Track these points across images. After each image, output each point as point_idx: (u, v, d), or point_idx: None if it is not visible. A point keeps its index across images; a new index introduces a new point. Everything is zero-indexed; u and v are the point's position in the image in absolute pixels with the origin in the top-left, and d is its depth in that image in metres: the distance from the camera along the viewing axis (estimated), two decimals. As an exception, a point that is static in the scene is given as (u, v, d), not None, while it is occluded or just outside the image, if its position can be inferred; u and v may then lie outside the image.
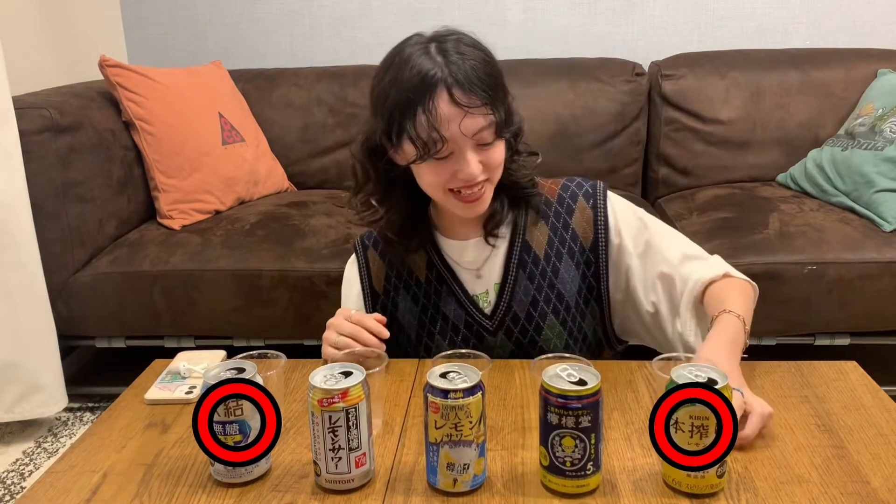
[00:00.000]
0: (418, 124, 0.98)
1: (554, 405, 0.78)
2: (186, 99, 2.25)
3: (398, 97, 0.99)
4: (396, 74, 1.00)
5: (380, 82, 1.03)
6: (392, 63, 1.02)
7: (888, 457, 0.86)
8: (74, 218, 2.00)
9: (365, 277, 1.21)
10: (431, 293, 1.17)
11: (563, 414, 0.77)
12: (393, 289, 1.19)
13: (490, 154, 1.03)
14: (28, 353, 1.92)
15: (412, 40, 1.03)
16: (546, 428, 0.80)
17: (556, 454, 0.79)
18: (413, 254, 1.17)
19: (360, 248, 1.23)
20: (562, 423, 0.78)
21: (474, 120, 0.99)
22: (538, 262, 1.14)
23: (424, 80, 0.98)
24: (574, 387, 0.78)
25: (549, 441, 0.79)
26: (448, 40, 1.02)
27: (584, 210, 1.15)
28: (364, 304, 1.21)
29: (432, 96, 0.97)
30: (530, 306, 1.13)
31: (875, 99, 2.25)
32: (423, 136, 0.98)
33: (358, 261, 1.23)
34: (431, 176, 1.04)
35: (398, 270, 1.19)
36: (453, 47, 1.00)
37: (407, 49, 1.02)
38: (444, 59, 0.99)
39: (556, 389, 0.78)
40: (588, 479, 0.80)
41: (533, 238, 1.15)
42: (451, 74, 0.98)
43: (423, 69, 0.98)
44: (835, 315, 1.91)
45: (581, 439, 0.78)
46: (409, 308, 1.18)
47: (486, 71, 1.00)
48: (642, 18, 2.64)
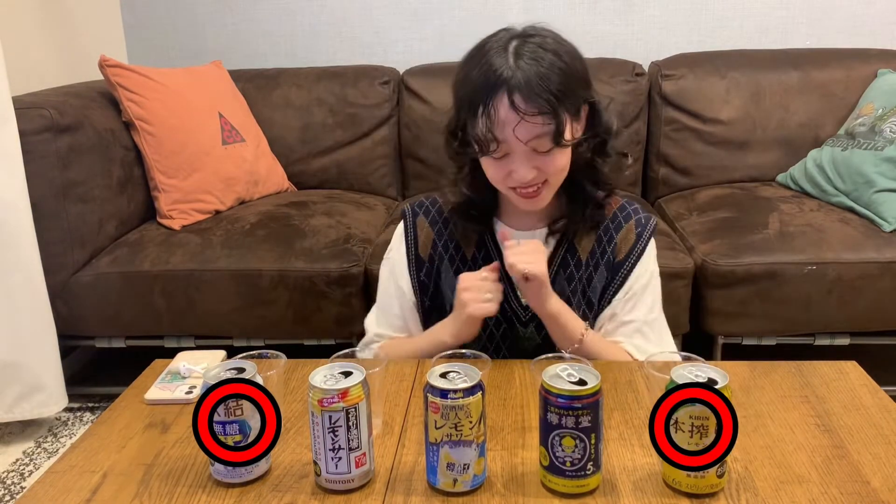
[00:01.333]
0: (478, 123, 1.01)
1: (554, 405, 0.78)
2: (186, 99, 2.25)
3: (465, 93, 1.03)
4: (470, 70, 1.03)
5: (458, 74, 1.07)
6: (472, 56, 1.05)
7: (888, 457, 0.86)
8: (74, 218, 2.00)
9: (412, 243, 1.22)
10: (475, 271, 1.17)
11: (563, 414, 0.78)
12: (438, 258, 1.20)
13: (547, 161, 1.04)
14: (28, 353, 1.92)
15: (497, 35, 1.05)
16: (546, 428, 0.80)
17: (556, 454, 0.79)
18: (471, 230, 1.19)
19: (410, 214, 1.24)
20: (562, 423, 0.78)
21: (529, 127, 1.00)
22: (579, 267, 1.16)
23: (489, 81, 1.00)
24: (574, 387, 0.78)
25: (549, 441, 0.79)
26: (529, 42, 1.02)
27: (630, 232, 1.17)
28: (408, 269, 1.21)
29: (493, 98, 1.00)
30: None
31: (875, 99, 2.25)
32: (481, 136, 1.01)
33: (405, 226, 1.23)
34: (491, 171, 1.08)
35: (446, 242, 1.20)
36: (531, 50, 1.01)
37: (488, 44, 1.04)
38: (515, 62, 1.00)
39: (556, 389, 0.78)
40: (588, 479, 0.80)
41: (580, 243, 1.17)
42: (515, 78, 0.99)
43: (491, 69, 1.00)
44: (835, 315, 1.91)
45: (581, 439, 0.78)
46: (450, 281, 1.18)
47: (558, 79, 1.00)
48: (642, 18, 2.64)
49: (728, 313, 1.93)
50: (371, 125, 2.50)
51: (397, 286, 1.22)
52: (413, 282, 1.21)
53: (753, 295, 1.89)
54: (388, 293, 1.24)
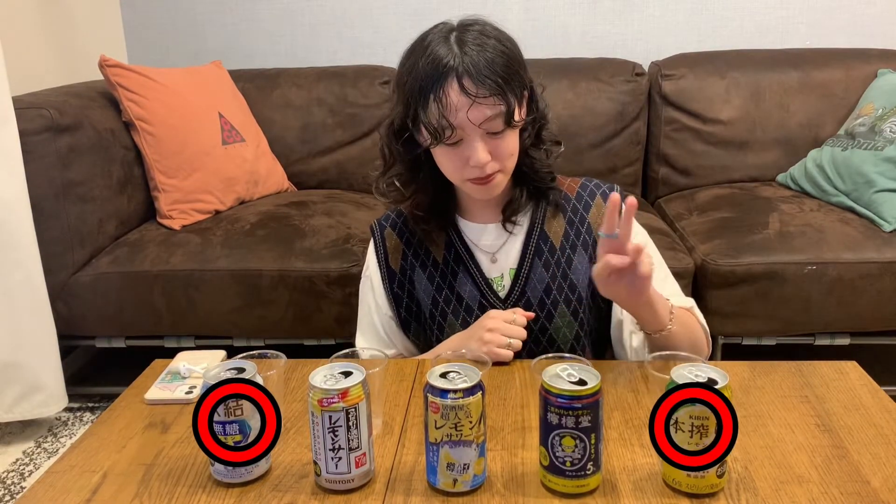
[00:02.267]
0: (430, 111, 1.02)
1: (554, 405, 0.78)
2: (186, 99, 2.25)
3: (414, 84, 1.03)
4: (415, 62, 1.04)
5: (402, 68, 1.07)
6: (414, 50, 1.06)
7: (888, 457, 0.86)
8: (74, 218, 2.00)
9: (382, 257, 1.22)
10: (448, 273, 1.18)
11: (563, 414, 0.78)
12: (409, 267, 1.20)
13: (500, 143, 1.05)
14: (28, 353, 1.92)
15: (437, 28, 1.06)
16: (546, 428, 0.80)
17: (556, 454, 0.79)
18: (434, 233, 1.19)
19: (377, 229, 1.24)
20: (562, 423, 0.78)
21: (482, 109, 1.01)
22: (554, 252, 1.17)
23: (437, 69, 1.01)
24: (574, 387, 0.78)
25: (549, 441, 0.79)
26: (470, 30, 1.04)
27: (601, 206, 1.18)
28: (382, 282, 1.22)
29: (443, 84, 1.01)
30: (543, 293, 1.15)
31: (875, 99, 2.25)
32: (434, 123, 1.02)
33: (374, 242, 1.24)
34: (446, 161, 1.08)
35: (416, 249, 1.21)
36: (473, 38, 1.03)
37: (429, 37, 1.05)
38: (460, 49, 1.02)
39: (556, 389, 0.78)
40: (588, 479, 0.80)
41: (550, 228, 1.18)
42: (463, 64, 1.01)
43: (437, 58, 1.02)
44: (835, 315, 1.91)
45: (581, 439, 0.78)
46: (424, 287, 1.19)
47: (503, 62, 1.02)
48: (642, 18, 2.64)
49: (728, 313, 1.93)
50: (371, 125, 2.50)
51: (375, 302, 1.23)
52: (388, 295, 1.21)
53: (753, 295, 1.89)
54: (369, 309, 1.24)
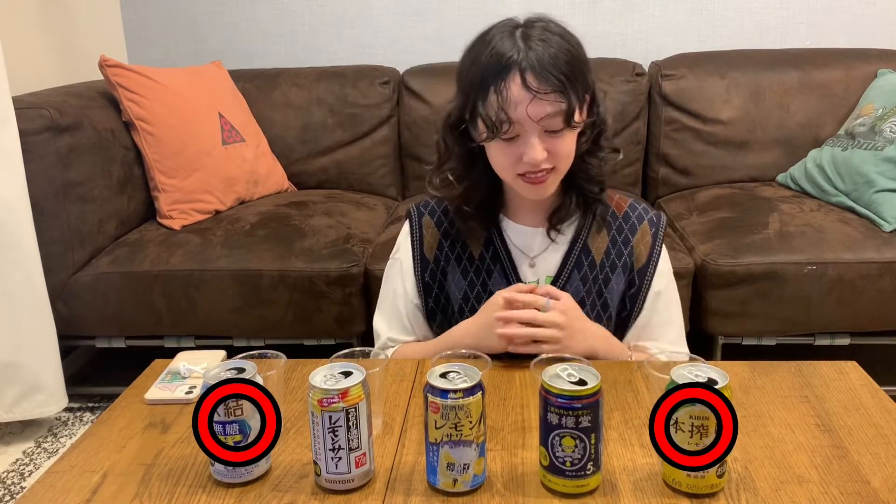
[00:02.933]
0: (489, 104, 1.02)
1: (554, 405, 0.78)
2: (186, 99, 2.25)
3: (475, 76, 1.03)
4: (478, 54, 1.04)
5: (464, 60, 1.07)
6: (477, 42, 1.06)
7: (888, 457, 0.86)
8: (74, 218, 2.00)
9: (417, 244, 1.21)
10: (483, 271, 1.17)
11: (564, 414, 0.78)
12: (444, 259, 1.19)
13: (557, 142, 1.04)
14: (28, 353, 1.92)
15: (501, 23, 1.06)
16: (546, 428, 0.80)
17: (556, 454, 0.79)
18: (476, 230, 1.18)
19: (416, 214, 1.23)
20: (562, 423, 0.78)
21: (542, 105, 1.01)
22: (594, 267, 1.16)
23: (501, 62, 1.01)
24: (574, 387, 0.78)
25: (549, 441, 0.79)
26: (535, 27, 1.04)
27: (646, 234, 1.18)
28: (413, 270, 1.21)
29: (505, 78, 1.00)
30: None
31: (875, 99, 2.25)
32: (493, 116, 1.01)
33: (411, 226, 1.23)
34: (500, 156, 1.07)
35: (453, 241, 1.19)
36: (538, 34, 1.03)
37: (493, 31, 1.05)
38: (524, 44, 1.01)
39: (556, 389, 0.78)
40: (588, 479, 0.80)
41: (594, 243, 1.17)
42: (527, 59, 1.00)
43: (501, 51, 1.01)
44: (835, 315, 1.91)
45: (581, 439, 0.78)
46: (457, 281, 1.18)
47: (566, 60, 1.02)
48: (642, 18, 2.64)
49: (728, 313, 1.93)
50: (371, 125, 2.50)
51: (403, 287, 1.22)
52: (418, 283, 1.20)
53: (753, 295, 1.89)
54: (394, 293, 1.23)
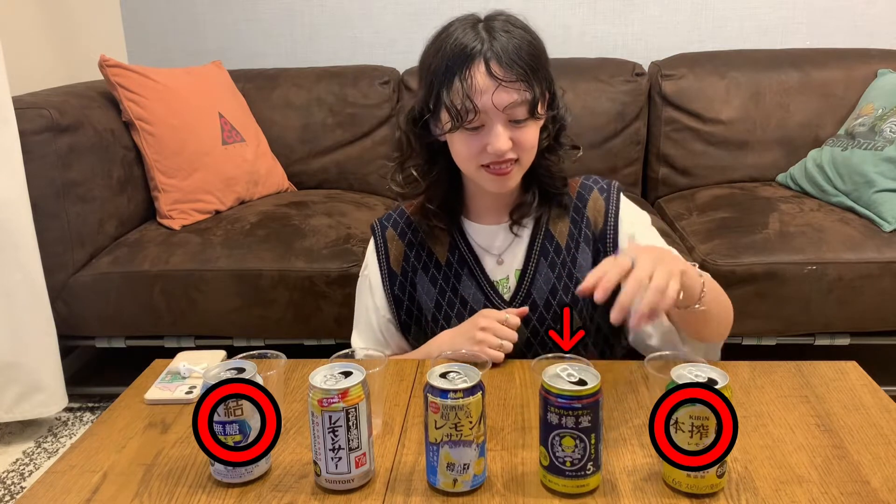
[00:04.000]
0: (454, 92, 1.02)
1: (554, 405, 0.78)
2: (186, 99, 2.25)
3: (439, 65, 1.04)
4: (441, 45, 1.05)
5: (427, 52, 1.08)
6: (440, 36, 1.07)
7: (888, 457, 0.86)
8: (74, 218, 2.00)
9: (383, 258, 1.21)
10: (451, 276, 1.18)
11: (563, 414, 0.78)
12: (412, 269, 1.19)
13: (521, 133, 1.05)
14: (28, 353, 1.92)
15: (462, 17, 1.07)
16: (546, 428, 0.80)
17: (556, 454, 0.79)
18: (439, 233, 1.19)
19: (379, 229, 1.23)
20: (562, 423, 0.78)
21: (507, 94, 1.02)
22: (560, 252, 1.16)
23: (465, 51, 1.02)
24: (574, 387, 0.78)
25: (549, 441, 0.79)
26: (497, 19, 1.06)
27: (597, 200, 1.18)
28: (382, 285, 1.21)
29: (470, 66, 1.01)
30: (549, 294, 1.15)
31: (875, 99, 2.25)
32: (458, 105, 1.02)
33: (375, 242, 1.23)
34: (463, 147, 1.07)
35: (418, 251, 1.20)
36: (500, 25, 1.04)
37: (455, 24, 1.06)
38: (488, 35, 1.03)
39: (556, 389, 0.78)
40: (588, 479, 0.80)
41: (556, 229, 1.17)
42: (491, 49, 1.02)
43: (465, 42, 1.03)
44: (835, 315, 1.91)
45: (581, 439, 0.78)
46: (426, 289, 1.18)
47: (529, 51, 1.03)
48: (642, 18, 2.64)
49: (728, 313, 1.93)
50: (371, 125, 2.50)
51: (373, 303, 1.22)
52: (388, 297, 1.20)
53: (753, 295, 1.89)
54: (367, 310, 1.23)
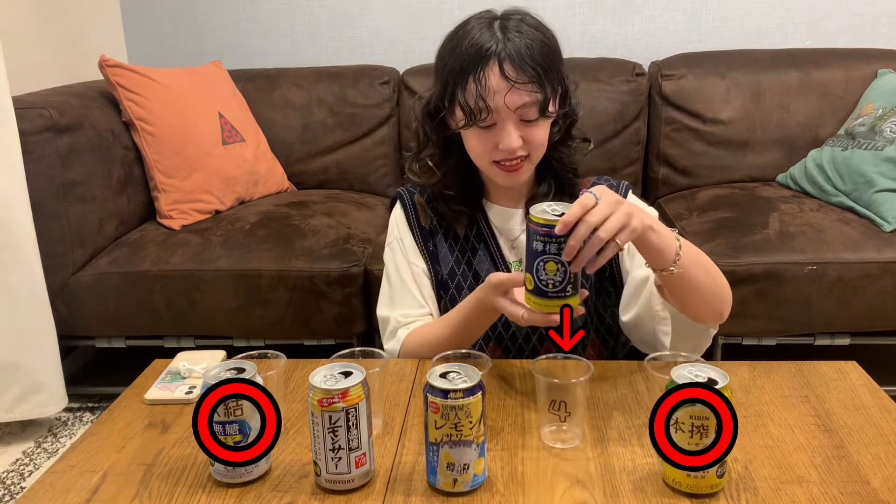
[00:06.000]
0: (468, 92, 1.04)
1: (539, 234, 0.87)
2: (186, 99, 2.25)
3: (454, 64, 1.06)
4: (458, 44, 1.07)
5: (443, 49, 1.10)
6: (456, 34, 1.09)
7: (888, 457, 0.86)
8: (74, 218, 2.00)
9: (413, 219, 1.22)
10: (468, 249, 1.20)
11: (547, 241, 0.87)
12: (436, 231, 1.22)
13: (532, 131, 1.07)
14: (28, 353, 1.92)
15: (479, 15, 1.09)
16: (531, 255, 0.89)
17: (540, 277, 0.89)
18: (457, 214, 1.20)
19: (407, 195, 1.24)
20: (546, 250, 0.87)
21: (519, 95, 1.04)
22: None
23: (480, 52, 1.04)
24: (558, 218, 0.86)
25: (535, 267, 0.88)
26: (512, 18, 1.07)
27: None
28: (416, 242, 1.21)
29: (484, 67, 1.04)
30: None
31: (875, 99, 2.25)
32: (471, 104, 1.04)
33: (404, 205, 1.24)
34: (476, 144, 1.10)
35: (441, 218, 1.22)
36: (515, 25, 1.06)
37: (472, 22, 1.08)
38: (502, 35, 1.05)
39: (541, 220, 0.86)
40: (568, 300, 0.89)
41: None
42: (505, 49, 1.03)
43: (480, 42, 1.05)
44: (835, 315, 1.91)
45: (562, 264, 0.87)
46: (444, 256, 1.21)
47: (542, 51, 1.05)
48: (642, 18, 2.64)
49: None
50: (371, 125, 2.50)
51: (408, 263, 1.21)
52: (423, 254, 1.21)
53: (753, 295, 1.89)
54: (399, 272, 1.21)
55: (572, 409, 0.89)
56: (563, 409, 0.88)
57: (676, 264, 0.95)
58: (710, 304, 1.05)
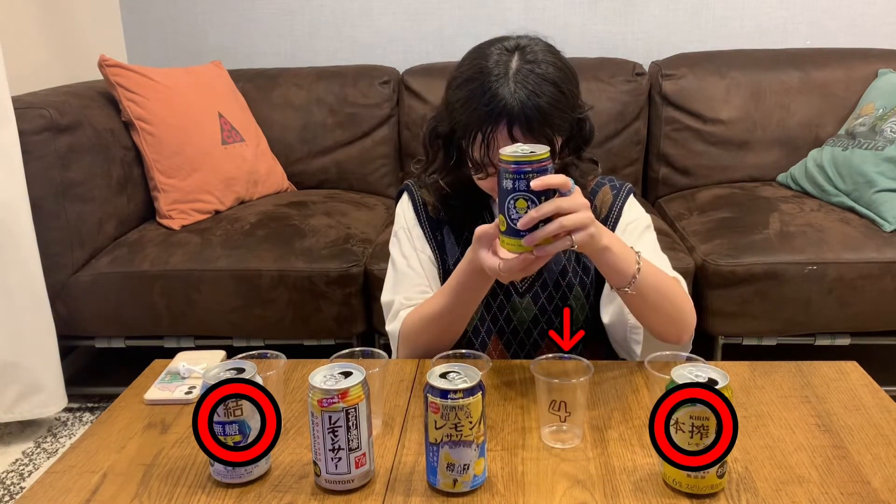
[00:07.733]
0: (475, 145, 1.04)
1: (508, 171, 0.86)
2: (186, 99, 2.25)
3: (466, 115, 1.04)
4: (472, 93, 1.03)
5: (455, 79, 1.07)
6: (472, 64, 1.06)
7: (888, 457, 0.86)
8: (74, 218, 2.00)
9: (421, 208, 1.23)
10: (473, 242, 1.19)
11: (516, 178, 0.86)
12: (443, 223, 1.22)
13: None
14: (28, 353, 1.92)
15: (496, 49, 1.05)
16: (503, 195, 0.88)
17: (511, 217, 0.88)
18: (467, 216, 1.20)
19: (416, 187, 1.25)
20: (515, 187, 0.86)
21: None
22: None
23: (493, 110, 1.01)
24: (526, 155, 0.86)
25: (506, 206, 0.87)
26: (527, 61, 1.03)
27: (606, 193, 1.21)
28: (423, 231, 1.22)
29: (494, 127, 1.02)
30: (559, 275, 1.17)
31: (875, 99, 2.25)
32: (477, 158, 1.04)
33: (412, 196, 1.24)
34: (483, 183, 1.11)
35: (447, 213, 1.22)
36: (533, 80, 1.02)
37: (490, 62, 1.04)
38: (515, 89, 1.01)
39: (510, 157, 0.86)
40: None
41: None
42: (516, 109, 1.00)
43: (495, 97, 1.01)
44: (835, 315, 1.91)
45: (533, 201, 0.86)
46: (450, 247, 1.21)
47: (556, 105, 1.02)
48: (642, 18, 2.64)
49: (728, 313, 1.93)
50: (371, 125, 2.50)
51: (415, 250, 1.21)
52: (430, 241, 1.21)
53: (754, 295, 1.89)
54: (405, 261, 1.22)
55: (572, 410, 0.89)
56: (563, 410, 0.88)
57: (632, 286, 0.99)
58: (666, 326, 1.07)
